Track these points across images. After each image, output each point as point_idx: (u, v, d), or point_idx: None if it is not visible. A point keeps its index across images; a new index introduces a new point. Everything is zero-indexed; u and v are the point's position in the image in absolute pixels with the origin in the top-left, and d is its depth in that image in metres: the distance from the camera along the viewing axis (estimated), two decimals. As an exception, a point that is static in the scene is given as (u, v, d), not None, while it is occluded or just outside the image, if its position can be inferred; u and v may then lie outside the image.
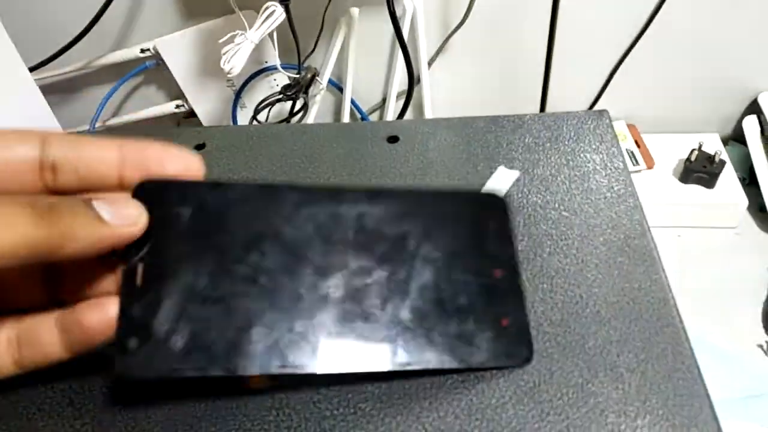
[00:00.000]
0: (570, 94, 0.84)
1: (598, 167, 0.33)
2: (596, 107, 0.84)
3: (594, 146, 0.35)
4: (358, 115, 0.87)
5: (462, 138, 0.35)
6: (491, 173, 0.33)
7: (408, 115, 0.85)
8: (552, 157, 0.34)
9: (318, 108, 0.84)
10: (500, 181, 0.32)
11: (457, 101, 0.85)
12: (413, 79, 0.73)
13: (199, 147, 0.36)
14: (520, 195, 0.32)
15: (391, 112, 0.84)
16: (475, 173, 0.33)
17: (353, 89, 0.83)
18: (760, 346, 0.65)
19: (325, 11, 0.72)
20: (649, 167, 0.79)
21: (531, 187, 0.32)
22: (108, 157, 0.22)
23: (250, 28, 0.67)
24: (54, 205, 0.19)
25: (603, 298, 0.27)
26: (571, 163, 0.34)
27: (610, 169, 0.33)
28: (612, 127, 0.36)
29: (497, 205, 0.26)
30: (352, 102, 0.85)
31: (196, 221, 0.22)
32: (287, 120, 0.79)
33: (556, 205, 0.31)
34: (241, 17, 0.68)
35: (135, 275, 0.21)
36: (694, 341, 0.26)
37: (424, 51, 0.77)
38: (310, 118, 0.83)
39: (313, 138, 0.35)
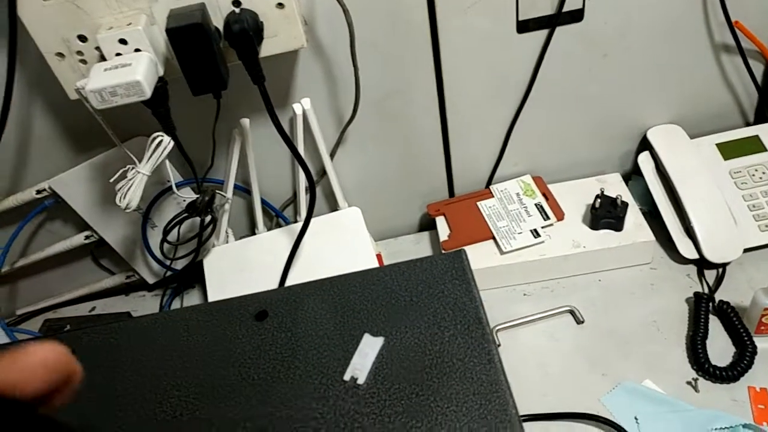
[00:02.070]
0: (472, 158, 0.86)
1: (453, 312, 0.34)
2: (500, 166, 0.87)
3: (450, 288, 0.35)
4: (273, 213, 0.87)
5: (328, 304, 0.36)
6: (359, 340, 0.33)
7: (320, 205, 0.86)
8: (413, 311, 0.34)
9: (230, 214, 0.83)
10: (365, 353, 0.32)
11: (367, 186, 0.86)
12: (312, 179, 0.73)
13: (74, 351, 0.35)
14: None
15: (304, 206, 0.84)
16: (343, 344, 0.33)
17: (262, 190, 0.83)
18: (690, 383, 0.67)
19: (214, 129, 0.72)
20: (559, 219, 0.81)
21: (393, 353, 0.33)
22: None
23: (140, 159, 0.67)
24: None
25: None
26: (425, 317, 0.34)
27: (467, 313, 0.34)
28: (467, 265, 0.37)
29: None
30: (264, 202, 0.85)
31: None
32: (199, 235, 0.78)
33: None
34: (128, 153, 0.67)
35: None
36: (631, 390, 0.26)
37: (323, 146, 0.78)
38: (223, 228, 0.83)
39: (180, 327, 0.35)
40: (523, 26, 0.73)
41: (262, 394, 0.32)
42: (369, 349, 0.32)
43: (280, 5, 0.61)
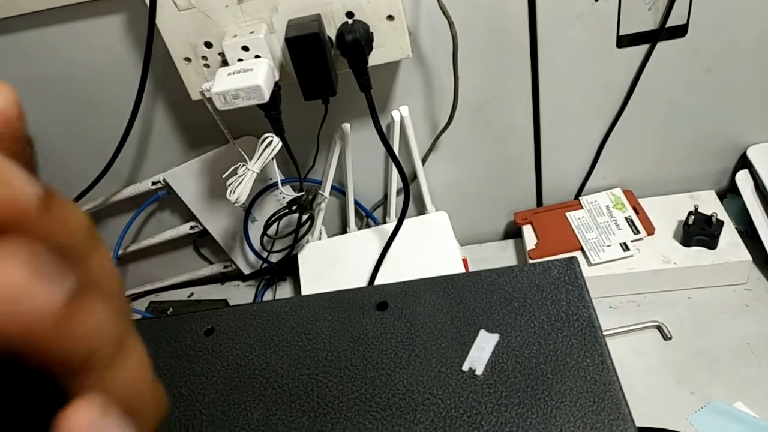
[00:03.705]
0: (562, 169, 0.87)
1: (567, 316, 0.36)
2: (590, 178, 0.87)
3: (563, 293, 0.37)
4: (364, 213, 0.91)
5: (445, 300, 0.38)
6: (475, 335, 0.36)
7: (410, 209, 0.89)
8: (526, 312, 0.37)
9: (324, 213, 0.88)
10: (482, 347, 0.34)
11: (455, 192, 0.88)
12: (407, 182, 0.76)
13: (209, 332, 0.39)
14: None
15: (393, 208, 0.87)
16: (460, 337, 0.36)
17: (355, 191, 0.87)
18: (784, 409, 0.66)
19: (319, 132, 0.76)
20: (650, 234, 0.81)
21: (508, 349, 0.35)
22: None
23: (250, 156, 0.72)
24: None
25: None
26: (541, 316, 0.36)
27: (580, 317, 0.36)
28: (580, 271, 0.39)
29: None
30: (356, 202, 0.89)
31: None
32: (296, 231, 0.83)
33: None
34: (240, 150, 0.72)
35: None
36: (721, 411, 0.28)
37: (416, 151, 0.81)
38: (318, 226, 0.87)
39: (309, 312, 0.39)
40: (624, 41, 0.74)
41: (384, 378, 0.35)
42: (485, 343, 0.35)
43: (390, 17, 0.64)
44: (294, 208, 0.79)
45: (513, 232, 0.94)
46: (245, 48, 0.63)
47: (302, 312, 0.39)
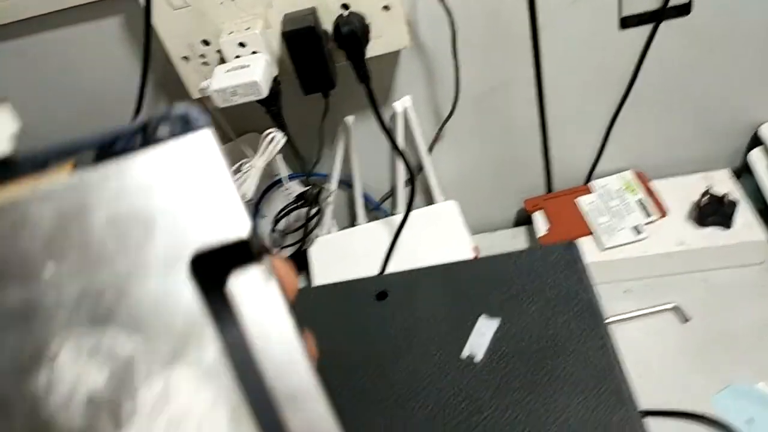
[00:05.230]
0: (571, 154, 0.85)
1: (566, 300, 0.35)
2: (600, 161, 0.86)
3: (562, 277, 0.37)
4: (372, 206, 0.91)
5: (444, 288, 0.38)
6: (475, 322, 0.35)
7: (417, 199, 0.88)
8: (526, 298, 0.36)
9: (333, 207, 0.87)
10: (482, 333, 0.34)
11: (464, 181, 0.87)
12: (413, 172, 0.76)
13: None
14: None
15: (401, 199, 0.87)
16: (460, 324, 0.35)
17: (363, 184, 0.86)
18: (805, 389, 0.64)
19: (321, 126, 0.76)
20: (663, 216, 0.80)
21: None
22: None
23: (254, 152, 0.72)
24: None
25: None
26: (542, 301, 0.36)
27: (579, 301, 0.35)
28: (579, 255, 0.38)
29: None
30: (364, 195, 0.88)
31: None
32: (305, 225, 0.83)
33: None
34: (243, 148, 0.72)
35: None
36: (743, 392, 0.27)
37: (421, 142, 0.80)
38: (327, 220, 0.87)
39: (309, 303, 0.38)
40: (626, 22, 0.72)
41: (384, 367, 0.35)
42: (485, 329, 0.34)
43: (386, 8, 0.63)
44: (302, 202, 0.79)
45: (524, 219, 0.93)
46: (242, 44, 0.63)
47: (302, 303, 0.39)
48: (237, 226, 0.17)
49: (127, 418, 0.17)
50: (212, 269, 0.17)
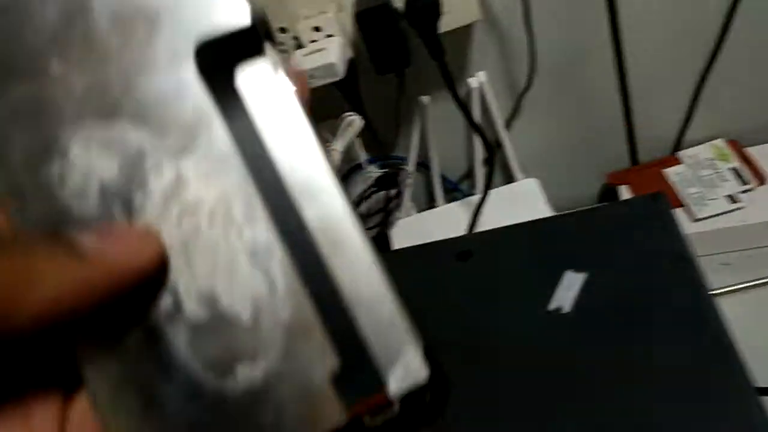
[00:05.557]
0: (656, 123, 0.82)
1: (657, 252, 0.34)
2: (688, 130, 0.82)
3: (650, 228, 0.35)
4: (450, 186, 0.91)
5: (528, 244, 0.37)
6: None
7: (496, 178, 0.88)
8: (613, 251, 0.35)
9: (411, 189, 0.88)
10: (568, 287, 0.33)
11: (544, 157, 0.86)
12: (492, 149, 0.75)
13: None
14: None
15: (480, 178, 0.86)
16: (545, 280, 0.35)
17: (440, 164, 0.86)
18: None
19: (398, 106, 0.77)
20: (761, 183, 0.75)
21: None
22: None
23: (333, 136, 0.74)
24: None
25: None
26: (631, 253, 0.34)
27: (671, 252, 0.34)
28: (667, 206, 0.37)
29: None
30: (442, 176, 0.88)
31: None
32: (385, 207, 0.84)
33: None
34: (322, 133, 0.74)
35: None
36: None
37: (498, 118, 0.79)
38: (406, 202, 0.88)
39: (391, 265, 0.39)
40: (713, -25, 0.69)
41: (472, 321, 0.35)
42: (572, 282, 0.34)
43: (457, -20, 0.63)
44: (381, 186, 0.81)
45: (609, 194, 0.90)
46: (317, 29, 0.65)
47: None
48: (239, 14, 0.17)
49: (140, 207, 0.17)
50: (220, 63, 0.17)
